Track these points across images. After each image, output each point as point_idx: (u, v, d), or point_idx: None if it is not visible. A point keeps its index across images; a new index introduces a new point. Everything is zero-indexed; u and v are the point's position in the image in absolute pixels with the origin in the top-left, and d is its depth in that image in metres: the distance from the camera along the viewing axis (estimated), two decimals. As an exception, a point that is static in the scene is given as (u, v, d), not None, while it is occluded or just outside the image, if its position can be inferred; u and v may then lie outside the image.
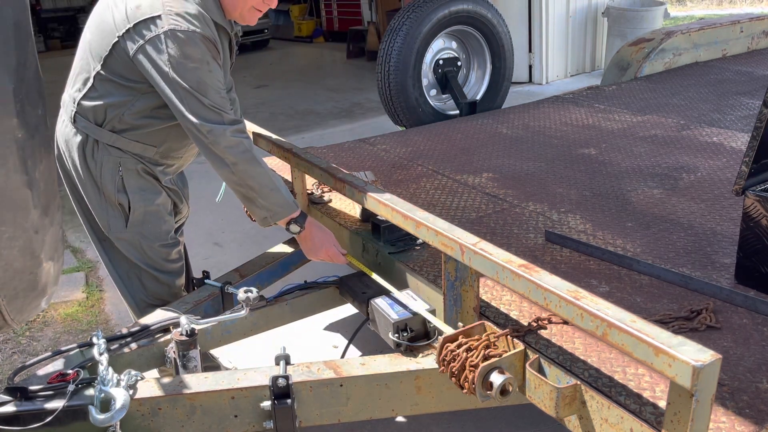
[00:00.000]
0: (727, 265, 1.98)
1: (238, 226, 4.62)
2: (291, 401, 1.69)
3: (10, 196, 1.73)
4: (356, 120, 7.65)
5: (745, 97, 3.95)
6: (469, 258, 1.58)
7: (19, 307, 1.87)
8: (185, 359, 1.90)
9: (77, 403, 1.63)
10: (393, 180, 2.91)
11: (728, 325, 1.68)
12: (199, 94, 1.97)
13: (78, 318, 3.71)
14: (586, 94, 4.33)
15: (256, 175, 2.07)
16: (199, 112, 1.98)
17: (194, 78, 1.96)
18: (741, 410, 1.38)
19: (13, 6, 1.71)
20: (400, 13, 4.05)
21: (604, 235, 2.23)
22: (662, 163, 2.93)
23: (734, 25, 5.22)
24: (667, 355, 1.13)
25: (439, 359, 1.62)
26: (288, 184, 2.79)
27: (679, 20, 12.64)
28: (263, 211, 2.13)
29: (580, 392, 1.46)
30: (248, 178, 2.07)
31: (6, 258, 1.75)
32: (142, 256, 2.31)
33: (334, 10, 13.97)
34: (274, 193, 2.11)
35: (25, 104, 1.77)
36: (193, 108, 1.98)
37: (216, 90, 2.01)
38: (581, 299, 1.30)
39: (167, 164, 2.31)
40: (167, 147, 2.25)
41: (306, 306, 2.33)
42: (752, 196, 1.79)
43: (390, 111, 4.18)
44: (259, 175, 2.08)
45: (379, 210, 1.98)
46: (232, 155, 2.02)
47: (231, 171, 2.05)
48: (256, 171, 2.07)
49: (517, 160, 3.10)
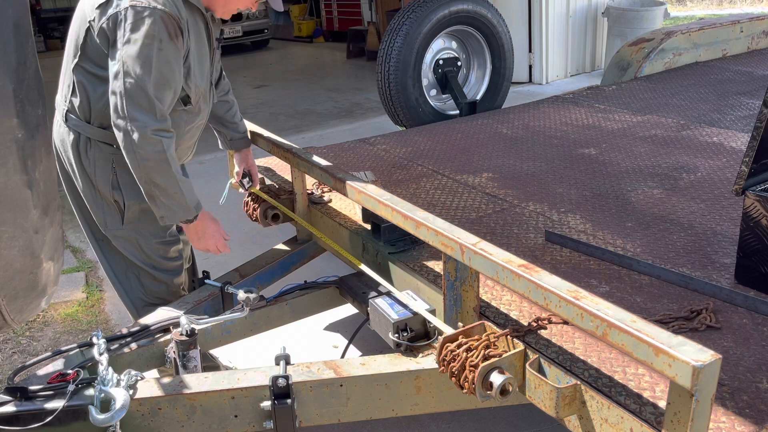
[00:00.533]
0: (727, 265, 1.98)
1: (238, 226, 4.61)
2: (291, 401, 1.69)
3: (10, 196, 1.73)
4: (356, 120, 7.65)
5: (745, 97, 3.95)
6: (469, 258, 1.58)
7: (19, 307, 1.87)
8: (185, 359, 1.91)
9: (77, 403, 1.63)
10: (393, 180, 2.91)
11: (728, 325, 1.68)
12: (143, 73, 1.93)
13: (78, 318, 3.71)
14: (586, 94, 4.33)
15: (164, 175, 2.04)
16: (133, 97, 1.95)
17: (143, 55, 1.92)
18: (741, 410, 1.38)
19: (13, 6, 1.71)
20: (400, 13, 4.05)
21: (604, 235, 2.23)
22: (662, 163, 2.93)
23: (734, 25, 5.22)
24: (667, 355, 1.13)
25: (439, 359, 1.62)
26: (288, 184, 2.79)
27: (679, 20, 12.64)
28: (162, 210, 2.10)
29: (580, 392, 1.46)
30: (156, 176, 2.03)
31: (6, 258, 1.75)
32: (140, 253, 2.31)
33: (334, 10, 13.97)
34: (177, 195, 2.08)
35: (25, 104, 1.77)
36: (130, 91, 1.94)
37: (160, 73, 1.95)
38: (581, 299, 1.30)
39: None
40: None
41: (306, 306, 2.33)
42: (752, 196, 1.79)
43: (390, 111, 4.18)
44: (167, 176, 2.04)
45: (379, 210, 1.98)
46: (146, 152, 1.98)
47: (141, 166, 2.01)
48: (166, 172, 2.03)
49: (517, 160, 3.10)
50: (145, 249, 2.31)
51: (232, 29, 12.84)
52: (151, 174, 2.04)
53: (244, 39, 13.19)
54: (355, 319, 3.25)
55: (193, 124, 2.26)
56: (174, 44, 1.97)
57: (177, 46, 1.99)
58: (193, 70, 2.12)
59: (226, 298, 2.30)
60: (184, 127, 2.22)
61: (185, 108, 2.17)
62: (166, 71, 1.97)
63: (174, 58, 1.98)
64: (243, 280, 2.44)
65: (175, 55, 1.98)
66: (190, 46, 2.07)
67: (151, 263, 2.34)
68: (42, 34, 15.62)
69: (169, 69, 1.98)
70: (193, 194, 2.15)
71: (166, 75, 1.98)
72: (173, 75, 2.00)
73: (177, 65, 2.01)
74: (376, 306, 1.92)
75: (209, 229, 2.26)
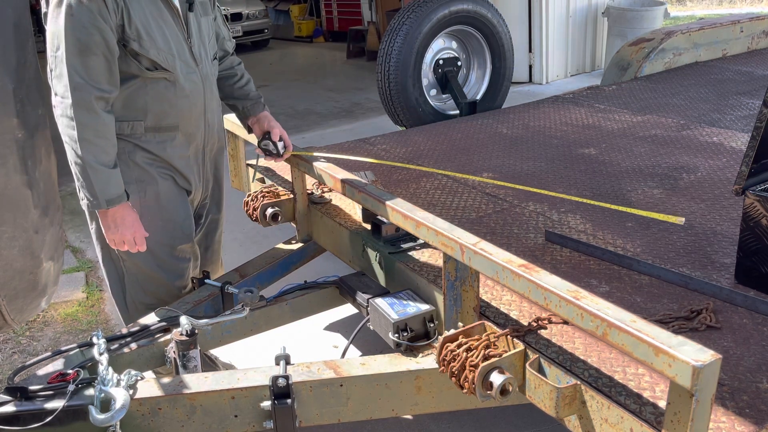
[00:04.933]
0: (727, 265, 1.98)
1: (238, 226, 4.61)
2: (291, 401, 1.69)
3: (10, 196, 1.73)
4: (356, 120, 7.64)
5: (745, 97, 3.95)
6: (469, 258, 1.58)
7: (19, 306, 1.87)
8: (185, 359, 1.91)
9: (77, 403, 1.63)
10: (393, 180, 2.91)
11: (728, 325, 1.68)
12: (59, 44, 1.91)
13: (78, 318, 3.70)
14: (586, 94, 4.33)
15: (76, 157, 1.99)
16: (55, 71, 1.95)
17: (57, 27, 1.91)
18: (741, 410, 1.38)
19: (13, 6, 1.71)
20: (400, 13, 4.05)
21: (604, 235, 2.23)
22: (662, 163, 2.93)
23: (734, 25, 5.22)
24: (667, 355, 1.13)
25: (439, 359, 1.62)
26: (288, 184, 2.79)
27: (679, 20, 12.63)
28: (80, 193, 2.06)
29: (580, 392, 1.46)
30: (73, 156, 2.00)
31: (6, 258, 1.75)
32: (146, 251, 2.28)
33: (334, 9, 13.95)
34: (87, 182, 2.01)
35: (25, 104, 1.77)
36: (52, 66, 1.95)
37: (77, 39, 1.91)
38: (581, 299, 1.30)
39: (168, 135, 2.23)
40: (154, 115, 2.18)
41: (306, 306, 2.33)
42: (752, 196, 1.79)
43: (390, 111, 4.18)
44: (78, 159, 1.98)
45: (379, 210, 1.98)
46: (61, 129, 1.98)
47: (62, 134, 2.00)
48: (75, 155, 1.98)
49: (517, 160, 3.10)
50: (150, 246, 2.28)
51: (232, 29, 12.81)
52: (69, 154, 2.01)
53: (244, 39, 13.18)
54: (355, 319, 3.25)
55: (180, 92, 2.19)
56: (86, 7, 1.90)
57: (91, 8, 1.91)
58: (145, 32, 2.05)
59: (226, 298, 2.29)
60: (172, 98, 2.17)
61: (157, 74, 2.11)
62: (83, 36, 1.92)
63: (90, 21, 1.92)
64: (243, 280, 2.44)
65: (90, 17, 1.92)
66: (127, 5, 1.99)
67: (155, 262, 2.32)
68: (42, 34, 15.64)
69: (86, 33, 1.92)
70: (110, 186, 2.05)
71: (83, 40, 1.92)
72: (93, 39, 1.93)
73: (96, 28, 1.93)
74: (376, 306, 1.92)
75: (125, 220, 2.12)
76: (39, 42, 1.92)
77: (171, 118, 2.22)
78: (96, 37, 1.94)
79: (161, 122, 2.21)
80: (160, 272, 2.35)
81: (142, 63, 2.08)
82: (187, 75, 2.21)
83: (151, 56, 2.08)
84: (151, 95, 2.15)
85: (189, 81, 2.22)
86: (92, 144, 1.99)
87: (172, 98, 2.18)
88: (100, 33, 1.95)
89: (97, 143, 2.01)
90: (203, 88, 2.29)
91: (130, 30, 2.02)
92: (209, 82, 2.33)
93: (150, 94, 2.14)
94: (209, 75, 2.33)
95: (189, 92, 2.23)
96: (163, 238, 2.31)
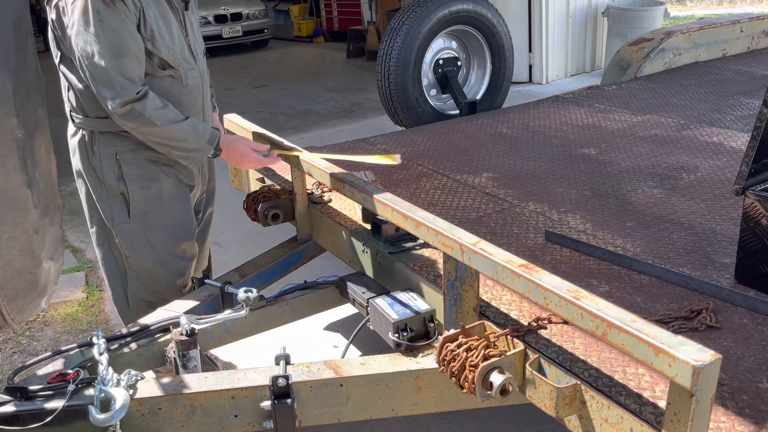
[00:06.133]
0: (727, 265, 1.98)
1: (238, 226, 4.62)
2: (291, 401, 1.69)
3: (10, 196, 1.73)
4: (356, 120, 7.65)
5: (745, 97, 3.95)
6: (469, 258, 1.58)
7: (19, 306, 1.87)
8: (185, 359, 1.90)
9: (77, 402, 1.63)
10: (393, 180, 2.91)
11: (728, 325, 1.68)
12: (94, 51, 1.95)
13: (78, 318, 3.71)
14: (586, 94, 4.33)
15: (158, 133, 2.10)
16: (96, 77, 1.99)
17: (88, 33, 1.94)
18: (741, 410, 1.38)
19: (13, 6, 1.71)
20: (400, 12, 4.05)
21: (604, 235, 2.23)
22: (662, 163, 2.93)
23: (734, 24, 5.21)
24: (667, 355, 1.13)
25: (439, 359, 1.62)
26: (288, 184, 2.79)
27: (679, 20, 12.63)
28: (181, 158, 2.22)
29: (580, 392, 1.46)
30: (153, 137, 2.12)
31: (6, 258, 1.75)
32: (148, 249, 2.30)
33: (334, 9, 13.95)
34: (183, 142, 2.15)
35: (25, 104, 1.77)
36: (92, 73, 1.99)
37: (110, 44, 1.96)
38: (581, 299, 1.30)
39: None
40: None
41: (306, 306, 2.33)
42: (752, 196, 1.79)
43: (390, 111, 4.18)
44: (161, 133, 2.10)
45: (379, 210, 1.98)
46: (130, 122, 2.06)
47: (137, 133, 2.11)
48: (157, 130, 2.09)
49: (517, 160, 3.10)
50: (153, 244, 2.30)
51: (232, 29, 12.84)
52: (148, 136, 2.11)
53: (243, 39, 13.18)
54: (355, 319, 3.25)
55: (184, 89, 2.24)
56: (113, 10, 1.95)
57: (118, 11, 1.96)
58: (157, 32, 2.10)
59: (226, 298, 2.29)
60: (177, 94, 2.21)
61: (165, 72, 2.16)
62: (115, 40, 1.97)
63: (119, 24, 1.97)
64: (243, 280, 2.44)
65: (118, 20, 1.96)
66: (143, 6, 2.04)
67: (158, 260, 2.34)
68: (42, 33, 15.61)
69: (118, 36, 1.97)
70: (200, 132, 2.18)
71: (117, 44, 1.97)
72: (125, 41, 1.99)
73: (127, 30, 1.99)
74: (376, 306, 1.92)
75: (238, 150, 2.30)
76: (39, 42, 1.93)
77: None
78: (127, 39, 1.99)
79: None
80: (162, 270, 2.36)
81: (154, 62, 2.11)
82: (189, 71, 2.25)
83: (162, 55, 2.12)
84: (158, 93, 2.17)
85: (191, 77, 2.26)
86: (161, 115, 2.08)
87: (177, 95, 2.21)
88: (130, 34, 2.00)
89: (164, 111, 2.09)
90: (202, 84, 2.34)
91: (145, 30, 2.05)
92: (205, 78, 2.39)
93: (157, 91, 2.16)
94: (204, 70, 2.39)
95: (192, 88, 2.27)
96: (166, 236, 2.33)
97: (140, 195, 2.24)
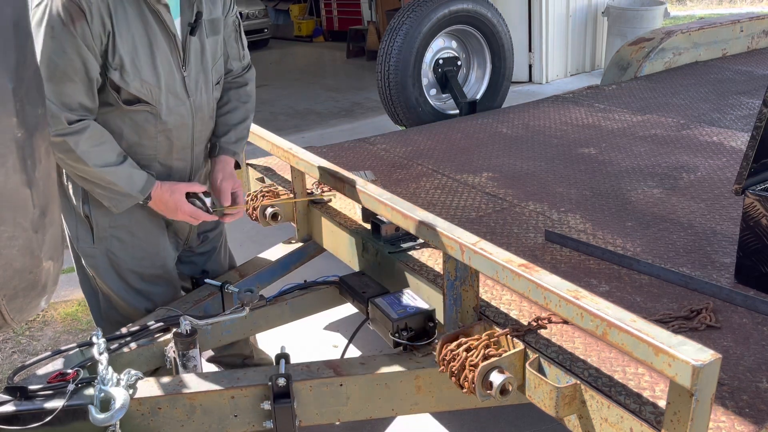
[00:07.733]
0: (727, 264, 1.98)
1: (238, 225, 4.61)
2: (291, 401, 1.69)
3: (9, 195, 1.73)
4: (356, 119, 7.65)
5: (745, 97, 3.95)
6: (468, 257, 1.58)
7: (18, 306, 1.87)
8: (185, 359, 1.91)
9: (77, 402, 1.63)
10: (393, 180, 2.91)
11: (728, 324, 1.68)
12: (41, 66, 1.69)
13: (78, 318, 3.70)
14: (586, 93, 4.33)
15: (86, 172, 1.92)
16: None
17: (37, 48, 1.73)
18: (741, 410, 1.38)
19: (12, 6, 1.71)
20: (400, 12, 4.05)
21: (604, 234, 2.23)
22: (662, 162, 2.93)
23: (734, 24, 5.21)
24: (667, 354, 1.13)
25: (439, 359, 1.62)
26: (288, 183, 2.79)
27: (679, 20, 12.63)
28: (105, 200, 2.01)
29: (579, 392, 1.46)
30: (80, 173, 1.94)
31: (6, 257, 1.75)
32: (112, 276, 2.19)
33: (334, 9, 13.96)
34: (112, 185, 1.95)
35: (25, 104, 1.77)
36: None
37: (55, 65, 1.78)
38: (581, 299, 1.30)
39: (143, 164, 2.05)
40: (128, 144, 2.02)
41: (306, 306, 2.33)
42: (752, 196, 1.79)
43: (390, 110, 4.18)
44: (89, 172, 1.92)
45: (379, 210, 1.98)
46: (58, 153, 1.86)
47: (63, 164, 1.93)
48: (85, 168, 1.91)
49: (517, 160, 3.09)
50: (119, 272, 2.19)
51: (231, 29, 12.82)
52: (74, 171, 1.95)
53: (243, 39, 13.18)
54: (355, 319, 3.25)
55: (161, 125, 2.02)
56: (69, 32, 1.76)
57: (75, 34, 1.77)
58: (130, 62, 1.87)
59: (225, 298, 2.29)
60: (152, 131, 2.02)
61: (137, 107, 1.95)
62: (62, 62, 1.79)
63: (72, 47, 1.78)
64: (243, 279, 2.44)
65: (72, 43, 1.78)
66: (115, 31, 1.82)
67: (123, 287, 2.21)
68: (42, 33, 15.58)
69: (66, 59, 1.79)
70: (134, 178, 1.98)
71: (61, 66, 1.79)
72: (72, 66, 1.80)
73: (79, 56, 1.80)
74: (376, 306, 1.92)
75: (170, 203, 2.05)
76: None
77: (148, 149, 2.07)
78: (76, 63, 1.81)
79: (136, 152, 2.05)
80: (127, 296, 2.24)
81: (120, 95, 1.92)
82: (174, 108, 2.03)
83: (131, 90, 1.91)
84: (128, 124, 2.00)
85: (174, 114, 2.04)
86: (95, 154, 1.90)
87: (151, 131, 2.02)
88: (81, 60, 1.81)
89: (99, 150, 1.92)
90: (192, 121, 2.10)
91: (112, 59, 1.85)
92: (202, 114, 2.13)
93: (127, 123, 2.00)
94: (204, 105, 2.12)
95: (172, 126, 2.05)
96: (132, 265, 2.21)
97: (105, 222, 2.11)
